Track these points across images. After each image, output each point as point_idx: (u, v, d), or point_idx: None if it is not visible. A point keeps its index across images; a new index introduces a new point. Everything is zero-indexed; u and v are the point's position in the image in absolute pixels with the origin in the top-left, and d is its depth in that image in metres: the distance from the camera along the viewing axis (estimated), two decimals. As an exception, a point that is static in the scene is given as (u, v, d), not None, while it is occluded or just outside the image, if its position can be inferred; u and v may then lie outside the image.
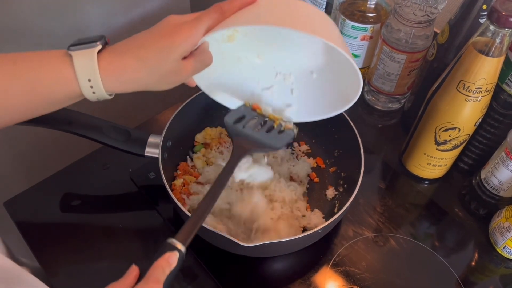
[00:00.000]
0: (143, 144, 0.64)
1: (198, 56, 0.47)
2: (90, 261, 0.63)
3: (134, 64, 0.44)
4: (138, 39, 0.45)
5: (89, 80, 0.43)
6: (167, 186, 0.59)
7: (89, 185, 0.71)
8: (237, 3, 0.47)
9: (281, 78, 0.62)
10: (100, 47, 0.43)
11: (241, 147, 0.55)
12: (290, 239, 0.55)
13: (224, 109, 0.76)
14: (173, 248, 0.42)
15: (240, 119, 0.59)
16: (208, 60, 0.49)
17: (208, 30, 0.46)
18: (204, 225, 0.55)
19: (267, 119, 0.60)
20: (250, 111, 0.61)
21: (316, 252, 0.64)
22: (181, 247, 0.43)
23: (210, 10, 0.46)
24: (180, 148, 0.71)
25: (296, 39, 0.57)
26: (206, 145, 0.74)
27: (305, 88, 0.61)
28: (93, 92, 0.44)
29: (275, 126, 0.60)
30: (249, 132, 0.58)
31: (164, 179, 0.59)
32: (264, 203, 0.63)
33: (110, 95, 0.46)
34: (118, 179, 0.71)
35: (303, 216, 0.65)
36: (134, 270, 0.40)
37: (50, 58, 0.43)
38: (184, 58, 0.46)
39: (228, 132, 0.58)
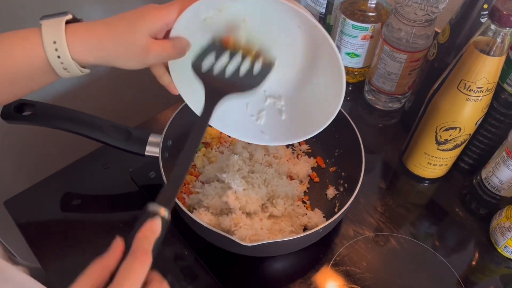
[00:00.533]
0: (144, 143, 0.64)
1: (170, 40, 0.47)
2: (91, 260, 0.63)
3: (102, 29, 0.44)
4: (112, 17, 0.46)
5: (54, 42, 0.42)
6: (167, 186, 0.59)
7: (90, 185, 0.71)
8: None
9: (271, 101, 0.59)
10: (70, 16, 0.44)
11: (215, 90, 0.49)
12: (290, 238, 0.55)
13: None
14: (154, 214, 0.39)
15: (211, 55, 0.51)
16: (180, 48, 0.48)
17: (181, 12, 0.45)
18: (204, 224, 0.55)
19: (240, 53, 0.51)
20: (220, 47, 0.51)
21: (317, 251, 0.64)
22: (164, 211, 0.39)
23: None
24: (181, 147, 0.70)
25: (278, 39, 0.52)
26: (206, 144, 0.74)
27: (293, 109, 0.58)
28: (58, 56, 0.43)
29: (249, 62, 0.51)
30: (221, 72, 0.50)
31: (164, 178, 0.59)
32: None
33: (81, 71, 0.45)
34: (119, 178, 0.71)
35: (304, 214, 0.65)
36: (119, 244, 0.37)
37: (20, 31, 0.43)
38: (157, 39, 0.46)
39: (197, 75, 0.50)
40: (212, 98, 0.49)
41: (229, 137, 0.72)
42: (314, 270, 0.62)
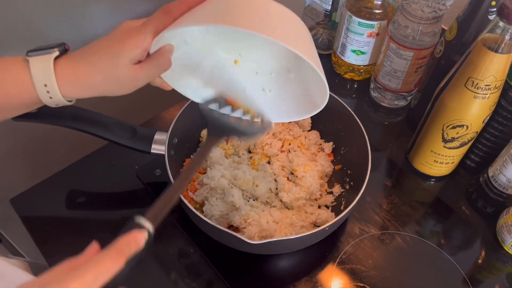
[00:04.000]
0: (149, 141, 0.64)
1: (154, 60, 0.47)
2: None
3: (87, 70, 0.45)
4: (93, 46, 0.46)
5: (45, 85, 0.43)
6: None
7: (95, 182, 0.71)
8: (186, 2, 0.46)
9: (257, 77, 0.58)
10: (57, 53, 0.44)
11: (217, 131, 0.54)
12: (297, 236, 0.55)
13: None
14: (141, 227, 0.38)
15: (215, 104, 0.57)
16: (165, 64, 0.48)
17: (156, 34, 0.45)
18: (210, 222, 0.55)
19: (241, 110, 0.58)
20: (224, 102, 0.58)
21: (322, 249, 0.64)
22: (150, 227, 0.39)
23: (157, 12, 0.46)
24: (186, 145, 0.71)
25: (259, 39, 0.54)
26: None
27: (279, 89, 0.57)
28: (50, 97, 0.44)
29: (249, 117, 0.57)
30: (224, 118, 0.56)
31: (170, 176, 0.59)
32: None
33: (70, 101, 0.47)
34: (124, 176, 0.71)
35: (313, 213, 0.65)
36: (93, 247, 0.37)
37: (7, 63, 0.44)
38: (139, 62, 0.46)
39: (204, 116, 0.55)
40: (214, 137, 0.53)
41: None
42: (319, 268, 0.62)
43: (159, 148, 0.63)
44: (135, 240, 0.37)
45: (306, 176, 0.66)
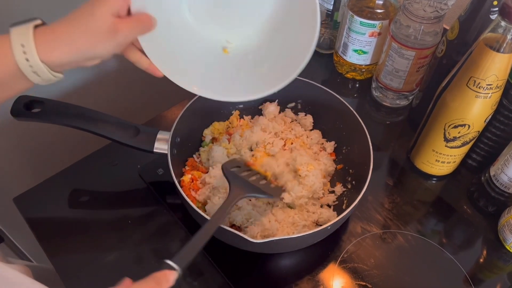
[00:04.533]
0: (152, 140, 0.64)
1: (135, 16, 0.47)
2: (99, 256, 0.63)
3: (65, 24, 0.44)
4: (75, 9, 0.46)
5: (22, 46, 0.43)
6: (176, 183, 0.59)
7: (98, 182, 0.72)
8: None
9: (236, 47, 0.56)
10: (39, 21, 0.44)
11: (238, 190, 0.57)
12: (299, 235, 0.55)
13: (231, 104, 0.76)
14: (171, 268, 0.43)
15: (236, 168, 0.62)
16: (146, 21, 0.48)
17: None
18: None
19: (258, 174, 0.64)
20: (245, 165, 0.65)
21: (324, 248, 0.64)
22: (178, 269, 0.43)
23: None
24: (188, 144, 0.71)
25: None
26: (214, 139, 0.74)
27: (264, 59, 0.56)
28: (27, 59, 0.43)
29: (267, 180, 0.65)
30: (245, 178, 0.60)
31: (173, 175, 0.59)
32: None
33: (53, 75, 0.45)
34: (127, 175, 0.72)
35: (315, 211, 0.65)
36: (127, 281, 0.41)
37: None
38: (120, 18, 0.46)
39: (226, 175, 0.59)
40: (234, 196, 0.56)
41: (240, 126, 0.75)
42: (321, 267, 0.62)
43: (162, 147, 0.64)
44: (167, 279, 0.41)
45: (309, 175, 0.67)
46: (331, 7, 0.86)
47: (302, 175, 0.67)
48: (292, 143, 0.73)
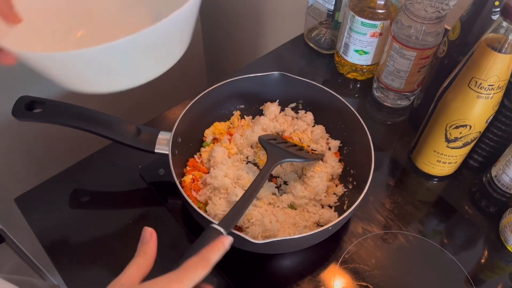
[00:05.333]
0: (153, 140, 0.64)
1: None
2: (99, 256, 0.63)
3: None
4: None
5: None
6: (177, 183, 0.59)
7: (99, 182, 0.72)
8: None
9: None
10: None
11: (275, 155, 0.62)
12: (300, 236, 0.55)
13: (232, 105, 0.76)
14: (220, 232, 0.46)
15: (273, 140, 0.67)
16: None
17: None
18: (214, 221, 0.55)
19: (296, 145, 0.68)
20: (281, 138, 0.70)
21: (325, 249, 0.64)
22: (224, 233, 0.46)
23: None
24: (190, 144, 0.71)
25: None
26: (215, 140, 0.74)
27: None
28: None
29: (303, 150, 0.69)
30: (281, 146, 0.65)
31: (174, 176, 0.59)
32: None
33: None
34: (128, 175, 0.72)
35: (316, 212, 0.65)
36: (151, 234, 0.44)
37: None
38: None
39: (262, 144, 0.64)
40: (271, 161, 0.61)
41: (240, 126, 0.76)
42: (322, 267, 0.62)
43: (163, 147, 0.64)
44: (223, 244, 0.42)
45: (315, 176, 0.66)
46: (332, 7, 0.86)
47: (307, 174, 0.67)
48: (299, 139, 0.74)
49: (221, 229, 0.47)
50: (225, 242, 0.42)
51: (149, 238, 0.43)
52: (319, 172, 0.67)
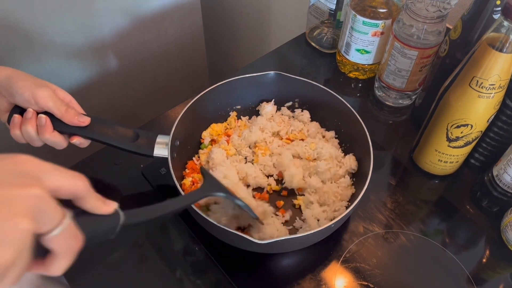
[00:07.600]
0: (152, 145, 0.63)
1: None
2: (100, 256, 0.64)
3: None
4: None
5: None
6: (178, 186, 0.59)
7: (101, 181, 0.72)
8: None
9: None
10: None
11: (212, 185, 0.57)
12: (302, 235, 0.55)
13: (229, 105, 0.76)
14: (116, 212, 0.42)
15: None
16: None
17: None
18: (219, 225, 0.55)
19: None
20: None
21: (327, 248, 0.64)
22: (122, 216, 0.42)
23: None
24: (188, 147, 0.71)
25: None
26: (212, 141, 0.74)
27: None
28: None
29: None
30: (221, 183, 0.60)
31: (175, 179, 0.59)
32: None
33: None
34: (130, 174, 0.72)
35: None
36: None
37: None
38: None
39: (203, 173, 0.59)
40: (205, 189, 0.56)
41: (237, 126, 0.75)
42: (323, 266, 0.63)
43: (161, 151, 0.63)
44: (107, 205, 0.40)
45: (336, 201, 0.66)
46: (333, 7, 0.86)
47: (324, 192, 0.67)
48: (298, 137, 0.74)
49: (120, 212, 0.43)
50: (109, 205, 0.41)
51: (106, 203, 0.41)
52: (339, 198, 0.66)
